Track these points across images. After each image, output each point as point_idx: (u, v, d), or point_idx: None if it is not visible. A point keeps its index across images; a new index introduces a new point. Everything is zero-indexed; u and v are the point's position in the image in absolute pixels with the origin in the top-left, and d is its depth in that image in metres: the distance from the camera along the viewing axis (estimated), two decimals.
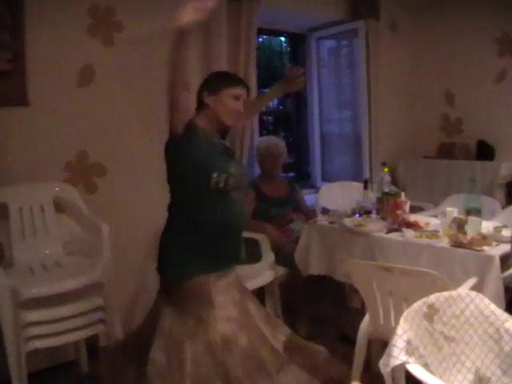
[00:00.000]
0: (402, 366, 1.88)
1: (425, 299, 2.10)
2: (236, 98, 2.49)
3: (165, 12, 3.77)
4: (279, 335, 2.59)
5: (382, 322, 2.81)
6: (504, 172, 4.91)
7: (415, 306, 2.06)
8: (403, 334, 1.94)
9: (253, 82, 4.24)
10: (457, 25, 5.32)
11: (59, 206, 3.42)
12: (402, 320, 1.99)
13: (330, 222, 3.67)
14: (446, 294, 2.15)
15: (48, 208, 3.35)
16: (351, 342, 3.15)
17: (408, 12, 5.58)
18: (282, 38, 5.74)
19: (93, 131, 3.56)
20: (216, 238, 2.44)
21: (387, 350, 1.97)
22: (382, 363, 1.97)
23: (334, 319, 4.09)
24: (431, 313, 2.09)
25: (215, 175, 2.36)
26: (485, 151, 5.20)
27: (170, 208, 2.52)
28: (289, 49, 5.94)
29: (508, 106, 5.10)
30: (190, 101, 2.51)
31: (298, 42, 5.59)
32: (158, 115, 2.69)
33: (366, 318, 2.94)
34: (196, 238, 2.42)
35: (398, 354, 1.89)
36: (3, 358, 2.78)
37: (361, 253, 3.36)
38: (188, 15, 2.12)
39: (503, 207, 4.32)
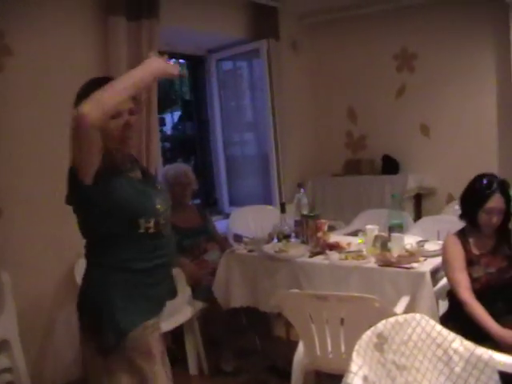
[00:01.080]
0: None
1: (372, 328, 1.97)
2: (114, 116, 1.90)
3: (56, 34, 3.58)
4: None
5: (318, 353, 2.64)
6: (411, 184, 4.98)
7: (364, 337, 1.92)
8: (358, 370, 1.79)
9: (154, 107, 4.03)
10: (356, 42, 5.41)
11: None
12: (354, 355, 1.83)
13: (249, 251, 3.49)
14: (392, 320, 2.03)
15: None
16: (282, 373, 3.00)
17: (307, 31, 5.58)
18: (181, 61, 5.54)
19: None
20: (150, 281, 2.02)
21: None
22: None
23: (260, 350, 3.90)
24: (381, 342, 1.96)
25: (142, 221, 1.96)
26: (390, 165, 5.27)
27: (90, 253, 2.05)
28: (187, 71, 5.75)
29: (408, 119, 5.22)
30: None
31: (197, 64, 5.41)
32: (58, 148, 2.41)
33: (300, 349, 2.78)
34: (128, 285, 1.98)
35: None
36: None
37: (285, 280, 3.21)
38: None
39: (413, 220, 4.35)
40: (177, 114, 7.41)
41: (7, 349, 2.70)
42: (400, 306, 2.66)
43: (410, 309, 2.67)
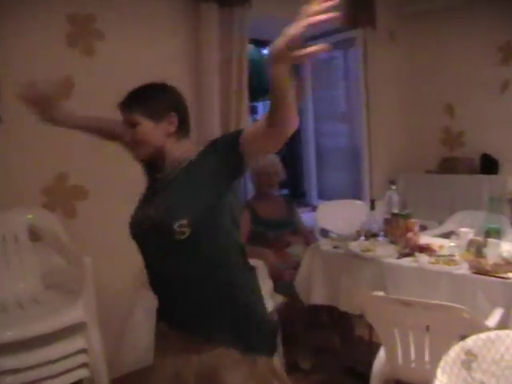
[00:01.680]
0: None
1: (461, 344, 1.81)
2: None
3: (147, 20, 3.58)
4: None
5: (400, 361, 2.50)
6: (511, 186, 4.66)
7: (451, 353, 1.77)
8: None
9: (245, 95, 3.98)
10: (457, 34, 5.09)
11: (36, 234, 3.09)
12: (439, 372, 1.69)
13: (334, 247, 3.36)
14: (483, 336, 1.86)
15: (23, 237, 3.03)
16: (359, 376, 2.88)
17: (406, 21, 5.33)
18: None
19: (73, 150, 3.23)
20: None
21: None
22: None
23: (340, 350, 3.78)
24: (469, 359, 1.80)
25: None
26: (489, 165, 4.96)
27: None
28: None
29: None
30: None
31: None
32: None
33: (381, 355, 2.64)
34: None
35: None
36: None
37: (369, 281, 3.06)
38: None
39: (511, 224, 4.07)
40: None
41: (84, 331, 2.71)
42: (492, 320, 2.46)
43: (503, 323, 2.47)
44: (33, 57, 3.11)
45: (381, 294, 2.81)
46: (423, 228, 3.97)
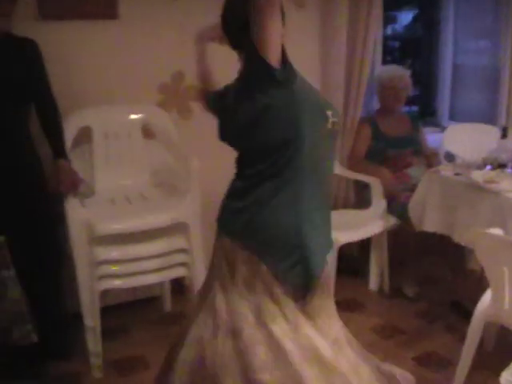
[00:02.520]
0: None
1: None
2: None
3: None
4: None
5: (507, 306, 2.31)
6: None
7: None
8: None
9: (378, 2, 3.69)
10: None
11: (149, 132, 3.12)
12: None
13: (456, 174, 3.13)
14: None
15: (136, 133, 3.06)
16: (463, 312, 2.84)
17: None
18: None
19: (190, 49, 3.14)
20: None
21: None
22: (504, 378, 1.54)
23: (447, 282, 3.61)
24: None
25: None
26: None
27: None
28: None
29: None
30: None
31: None
32: None
33: (487, 296, 2.46)
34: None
35: None
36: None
37: (488, 215, 2.82)
38: None
39: None
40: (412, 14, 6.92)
41: (186, 231, 2.76)
42: None
43: None
44: None
45: (498, 231, 2.59)
46: None
